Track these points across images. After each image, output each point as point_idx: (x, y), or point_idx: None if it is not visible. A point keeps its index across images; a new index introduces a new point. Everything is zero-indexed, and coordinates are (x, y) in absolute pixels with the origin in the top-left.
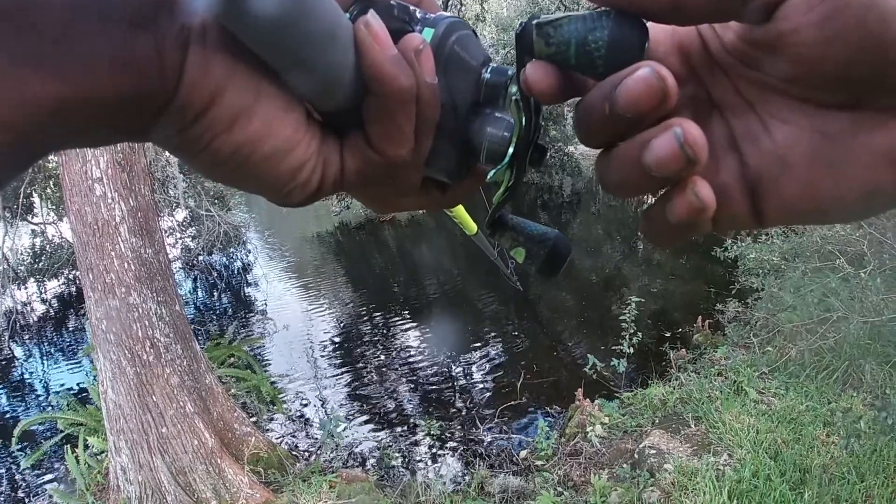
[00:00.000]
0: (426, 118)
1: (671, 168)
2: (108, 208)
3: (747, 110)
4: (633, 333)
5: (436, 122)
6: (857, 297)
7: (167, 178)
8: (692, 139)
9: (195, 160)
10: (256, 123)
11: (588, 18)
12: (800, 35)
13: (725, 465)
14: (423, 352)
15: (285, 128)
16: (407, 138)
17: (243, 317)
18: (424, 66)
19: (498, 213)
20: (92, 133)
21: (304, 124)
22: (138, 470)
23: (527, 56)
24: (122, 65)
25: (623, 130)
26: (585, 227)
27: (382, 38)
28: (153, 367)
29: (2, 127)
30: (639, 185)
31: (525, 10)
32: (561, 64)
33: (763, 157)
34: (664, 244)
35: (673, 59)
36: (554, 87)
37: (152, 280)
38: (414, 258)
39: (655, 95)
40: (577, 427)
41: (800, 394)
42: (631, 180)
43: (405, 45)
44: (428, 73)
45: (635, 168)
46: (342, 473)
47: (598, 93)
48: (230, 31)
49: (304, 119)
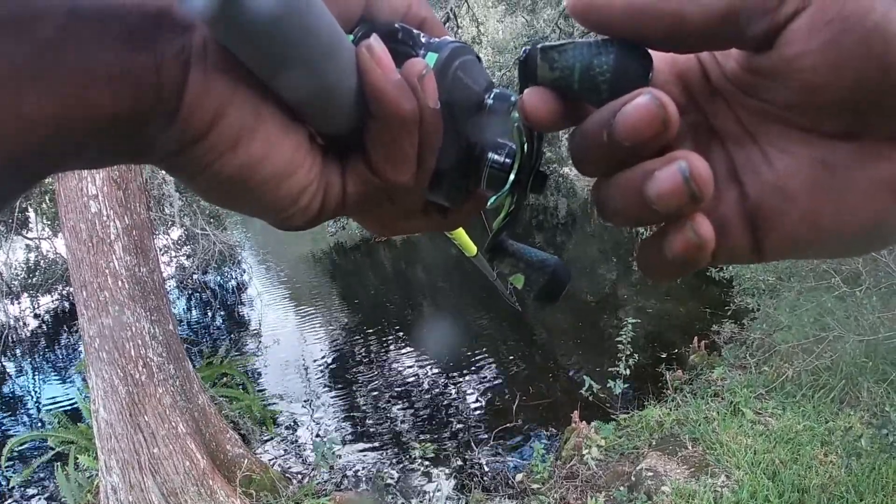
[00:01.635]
0: (429, 143)
1: (673, 203)
2: (103, 226)
3: (748, 140)
4: (630, 355)
5: (438, 147)
6: (852, 315)
7: (163, 196)
8: (698, 174)
9: (194, 182)
10: (257, 145)
11: (593, 45)
12: (802, 61)
13: (723, 487)
14: (418, 373)
15: (286, 150)
16: (409, 163)
17: (237, 336)
18: (427, 91)
19: (498, 239)
20: (90, 153)
21: (305, 147)
22: (129, 490)
23: (529, 82)
24: (120, 83)
25: (621, 159)
26: (581, 247)
27: (385, 63)
28: (145, 386)
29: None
30: (638, 216)
31: (521, 34)
32: (564, 89)
33: (764, 188)
34: (660, 279)
35: (673, 88)
36: (552, 114)
37: (146, 299)
38: (409, 279)
39: (655, 123)
40: (573, 449)
41: (797, 413)
42: (630, 211)
43: (408, 69)
44: (431, 97)
45: (636, 199)
46: (336, 496)
47: (596, 119)
48: (231, 52)
49: (307, 142)
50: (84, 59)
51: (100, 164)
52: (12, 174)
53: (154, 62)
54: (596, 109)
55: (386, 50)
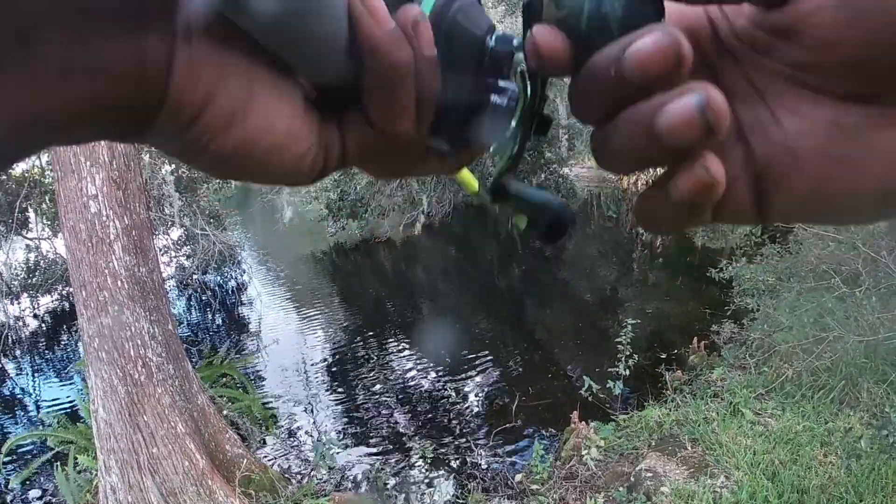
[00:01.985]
0: (426, 92)
1: (686, 135)
2: (103, 226)
3: (757, 100)
4: (629, 355)
5: (436, 94)
6: (852, 315)
7: (163, 196)
8: (715, 105)
9: (197, 161)
10: (254, 120)
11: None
12: (818, 17)
13: (723, 488)
14: (417, 373)
15: (283, 119)
16: (407, 113)
17: (237, 336)
18: (423, 39)
19: (500, 181)
20: (76, 134)
21: (301, 114)
22: (128, 490)
23: (534, 21)
24: (98, 72)
25: (627, 98)
26: (580, 248)
27: (378, 11)
28: (145, 386)
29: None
30: (643, 155)
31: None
32: (570, 30)
33: (772, 149)
34: (660, 229)
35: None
36: (560, 52)
37: (145, 299)
38: (408, 279)
39: (669, 58)
40: (572, 450)
41: (797, 414)
42: (635, 149)
43: (402, 16)
44: (426, 45)
45: (643, 134)
46: (335, 496)
47: (604, 54)
48: (216, 27)
49: (302, 108)
50: (60, 47)
51: (90, 141)
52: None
53: (136, 49)
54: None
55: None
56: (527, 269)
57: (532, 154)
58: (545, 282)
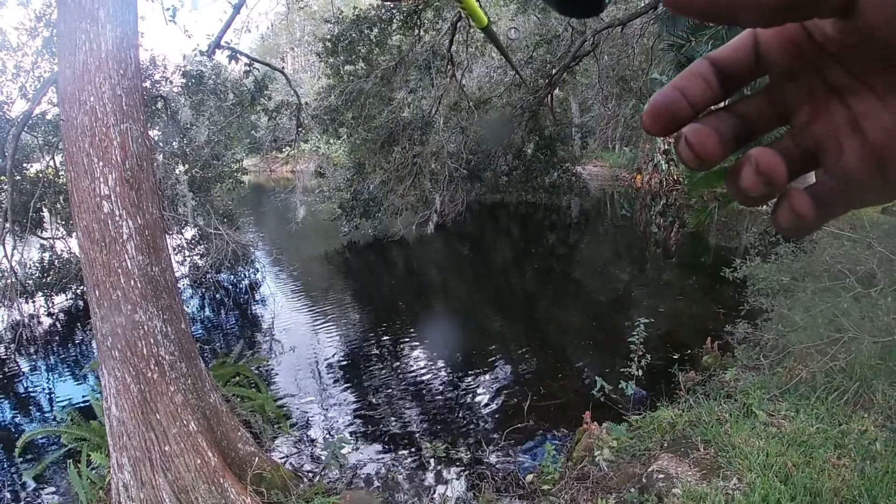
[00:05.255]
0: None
1: (756, 192)
2: (116, 225)
3: (864, 89)
4: (642, 355)
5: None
6: (867, 316)
7: (176, 195)
8: (766, 168)
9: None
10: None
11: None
12: (881, 22)
13: (735, 490)
14: (430, 372)
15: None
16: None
17: (250, 335)
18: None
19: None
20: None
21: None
22: (140, 487)
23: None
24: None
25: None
26: (593, 247)
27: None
28: (157, 384)
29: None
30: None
31: (533, 32)
32: None
33: (884, 131)
34: (796, 236)
35: (786, 56)
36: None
37: (158, 298)
38: (421, 278)
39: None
40: (584, 450)
41: (810, 416)
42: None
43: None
44: None
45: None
46: (346, 495)
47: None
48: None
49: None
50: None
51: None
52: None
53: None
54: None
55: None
56: (539, 268)
57: (545, 153)
58: (558, 281)
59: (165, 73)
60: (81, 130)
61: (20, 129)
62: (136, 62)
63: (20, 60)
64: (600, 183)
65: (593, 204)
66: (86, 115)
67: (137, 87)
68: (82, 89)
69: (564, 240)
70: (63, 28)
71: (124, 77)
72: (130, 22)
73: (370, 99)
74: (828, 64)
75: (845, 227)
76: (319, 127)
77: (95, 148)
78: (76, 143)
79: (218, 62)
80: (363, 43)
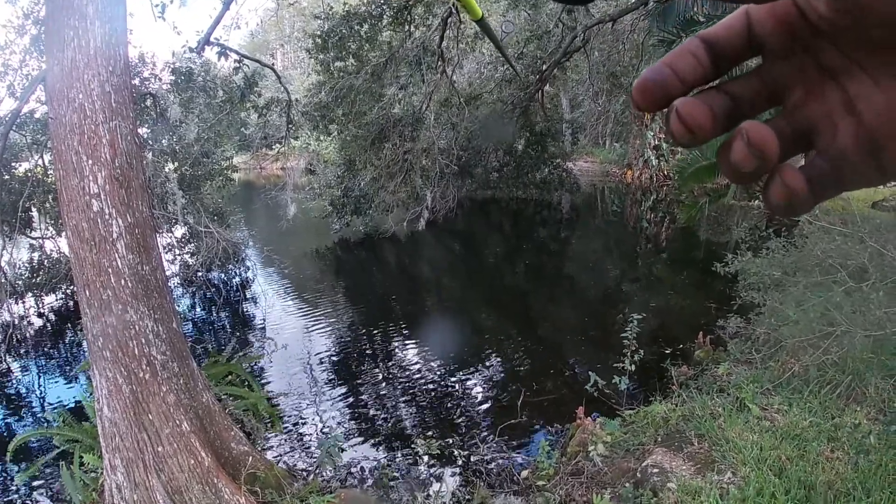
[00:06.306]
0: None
1: (747, 167)
2: (106, 224)
3: (857, 70)
4: (635, 350)
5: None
6: (859, 310)
7: (166, 193)
8: (757, 140)
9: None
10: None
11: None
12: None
13: (729, 484)
14: (423, 369)
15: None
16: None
17: (242, 334)
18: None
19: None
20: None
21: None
22: (133, 489)
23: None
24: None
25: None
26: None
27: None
28: (149, 384)
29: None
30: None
31: (524, 28)
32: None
33: (878, 113)
34: (788, 215)
35: (779, 35)
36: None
37: (149, 297)
38: (413, 274)
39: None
40: (578, 446)
41: (803, 409)
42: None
43: None
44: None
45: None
46: (341, 493)
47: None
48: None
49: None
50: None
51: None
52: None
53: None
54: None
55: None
56: (531, 263)
57: (536, 149)
58: (550, 276)
59: (154, 70)
60: (70, 128)
61: (8, 127)
62: (125, 59)
63: (8, 58)
64: (591, 179)
65: (584, 200)
66: (74, 112)
67: (126, 84)
68: (71, 86)
69: (556, 235)
70: (52, 24)
71: (113, 74)
72: (119, 18)
73: (360, 95)
74: (821, 44)
75: (836, 221)
76: (310, 124)
77: (84, 146)
78: (65, 141)
79: (207, 59)
80: (353, 39)
